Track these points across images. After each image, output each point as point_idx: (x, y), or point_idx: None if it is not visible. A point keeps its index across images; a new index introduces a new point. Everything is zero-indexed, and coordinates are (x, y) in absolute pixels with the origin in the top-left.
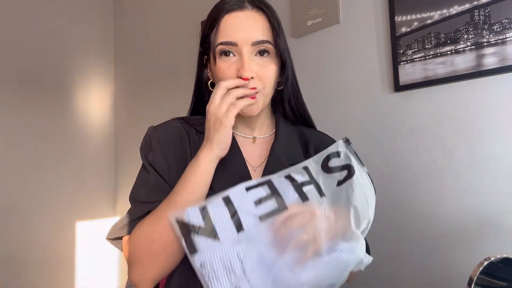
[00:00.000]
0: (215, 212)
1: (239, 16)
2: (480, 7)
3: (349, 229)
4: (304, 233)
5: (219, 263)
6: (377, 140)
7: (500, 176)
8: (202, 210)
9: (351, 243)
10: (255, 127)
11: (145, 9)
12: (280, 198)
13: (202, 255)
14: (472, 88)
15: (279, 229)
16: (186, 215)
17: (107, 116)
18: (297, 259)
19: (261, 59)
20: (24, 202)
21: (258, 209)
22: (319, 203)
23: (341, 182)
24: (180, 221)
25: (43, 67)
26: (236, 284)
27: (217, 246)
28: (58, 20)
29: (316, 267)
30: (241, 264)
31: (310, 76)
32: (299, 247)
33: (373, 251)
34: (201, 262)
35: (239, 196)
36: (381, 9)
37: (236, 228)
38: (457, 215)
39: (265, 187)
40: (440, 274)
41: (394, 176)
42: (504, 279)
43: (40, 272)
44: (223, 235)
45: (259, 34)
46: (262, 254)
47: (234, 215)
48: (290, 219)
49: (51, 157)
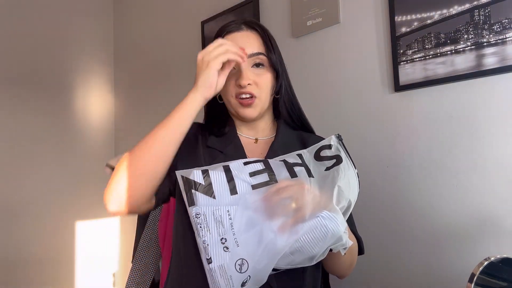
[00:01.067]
0: (215, 176)
1: (237, 35)
2: (480, 7)
3: (330, 203)
4: (292, 202)
5: (211, 216)
6: (377, 140)
7: (500, 176)
8: (204, 172)
9: (331, 213)
10: (258, 130)
11: (145, 9)
12: (272, 174)
13: (198, 207)
14: (472, 88)
15: (270, 198)
16: (191, 174)
17: (107, 116)
18: (283, 224)
19: (257, 70)
20: (24, 202)
21: (251, 179)
22: (307, 181)
23: (329, 168)
24: (185, 178)
25: (43, 67)
26: (222, 235)
27: (212, 202)
28: (58, 20)
29: (297, 232)
30: (230, 220)
31: (310, 76)
32: (285, 215)
33: (373, 251)
34: (196, 213)
35: (237, 167)
36: (381, 9)
37: (230, 191)
38: (457, 215)
39: (260, 164)
40: (440, 274)
41: (394, 176)
42: (504, 279)
43: (40, 272)
44: (219, 194)
45: (253, 48)
46: (251, 217)
47: (231, 181)
48: (281, 190)
49: (51, 157)
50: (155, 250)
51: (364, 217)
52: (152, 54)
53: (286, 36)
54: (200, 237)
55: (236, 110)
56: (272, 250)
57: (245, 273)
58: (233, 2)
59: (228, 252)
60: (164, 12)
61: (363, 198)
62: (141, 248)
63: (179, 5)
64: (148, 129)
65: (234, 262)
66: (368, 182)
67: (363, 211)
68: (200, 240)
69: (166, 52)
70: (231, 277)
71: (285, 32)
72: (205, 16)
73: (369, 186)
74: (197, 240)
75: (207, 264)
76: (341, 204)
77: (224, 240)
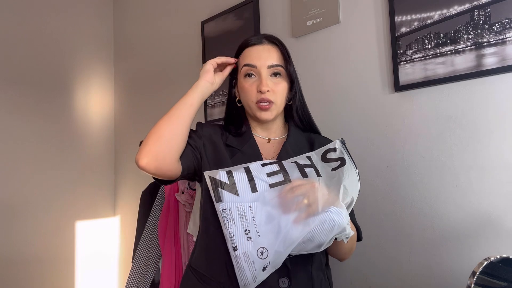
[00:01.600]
0: (238, 176)
1: (259, 48)
2: (480, 7)
3: (337, 200)
4: (304, 198)
5: (236, 210)
6: (377, 140)
7: (500, 176)
8: (228, 173)
9: (338, 209)
10: (271, 131)
11: (145, 9)
12: (286, 174)
13: (224, 203)
14: (472, 88)
15: (285, 195)
16: (218, 175)
17: (107, 116)
18: (297, 217)
19: (275, 79)
20: (24, 202)
21: (269, 179)
22: (316, 181)
23: (335, 169)
24: (212, 178)
25: (43, 67)
26: (246, 227)
27: (236, 199)
28: (58, 20)
29: (309, 225)
30: (252, 214)
31: (310, 76)
32: (299, 209)
33: (373, 251)
34: (223, 208)
35: (256, 168)
36: (381, 9)
37: (251, 189)
38: (457, 215)
39: (276, 165)
40: (440, 274)
41: (394, 176)
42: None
43: (40, 272)
44: (242, 192)
45: (273, 60)
46: (269, 211)
47: (251, 180)
48: (295, 188)
49: (51, 157)
50: (155, 250)
51: (364, 217)
52: (152, 54)
53: (286, 36)
54: (227, 228)
55: (254, 113)
56: (288, 240)
57: (265, 259)
58: (233, 2)
59: (251, 241)
60: (164, 12)
61: (364, 198)
62: (141, 248)
63: (179, 5)
64: (149, 129)
65: (256, 250)
66: (368, 182)
67: (364, 211)
68: (227, 231)
69: (166, 52)
70: (253, 262)
71: (285, 32)
72: (205, 16)
73: (369, 186)
74: (224, 231)
75: (233, 251)
76: (346, 200)
77: (248, 231)
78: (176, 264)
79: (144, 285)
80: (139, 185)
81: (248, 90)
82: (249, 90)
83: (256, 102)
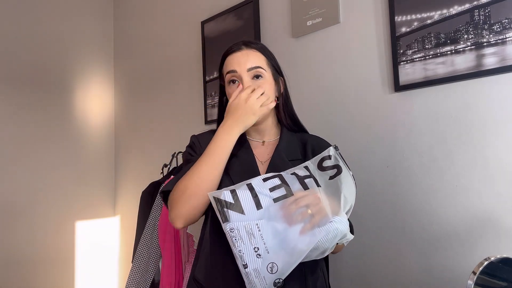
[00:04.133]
0: (242, 194)
1: (238, 55)
2: (480, 7)
3: (339, 209)
4: (308, 209)
5: (243, 229)
6: (377, 140)
7: (500, 176)
8: (232, 192)
9: (341, 218)
10: (264, 133)
11: (145, 9)
12: (288, 187)
13: (232, 223)
14: (472, 88)
15: (289, 207)
16: (222, 195)
17: (107, 116)
18: (302, 228)
19: (257, 81)
20: (24, 202)
21: (272, 194)
22: (318, 191)
23: (332, 177)
24: (216, 198)
25: (43, 67)
26: (255, 245)
27: (242, 218)
28: (58, 20)
29: (315, 235)
30: (259, 232)
31: (310, 76)
32: (303, 220)
33: (373, 251)
34: (230, 228)
35: (258, 184)
36: (381, 9)
37: (256, 206)
38: (457, 215)
39: (277, 179)
40: (440, 274)
41: (394, 176)
42: (504, 279)
43: (40, 272)
44: (247, 210)
45: (252, 63)
46: (275, 226)
47: (255, 197)
48: (298, 200)
49: (51, 157)
50: (155, 250)
51: (364, 217)
52: (152, 54)
53: (286, 36)
54: (236, 247)
55: None
56: (297, 253)
57: (275, 273)
58: (233, 2)
59: (260, 258)
60: (164, 12)
61: (363, 198)
62: (141, 248)
63: (179, 5)
64: (148, 129)
65: (266, 266)
66: (368, 182)
67: (364, 211)
68: (236, 250)
69: (166, 52)
70: (264, 278)
71: (285, 32)
72: (205, 16)
73: (369, 186)
74: (233, 250)
75: (243, 269)
76: (346, 209)
77: (257, 248)
78: (176, 264)
79: (144, 285)
80: (139, 185)
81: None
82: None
83: None
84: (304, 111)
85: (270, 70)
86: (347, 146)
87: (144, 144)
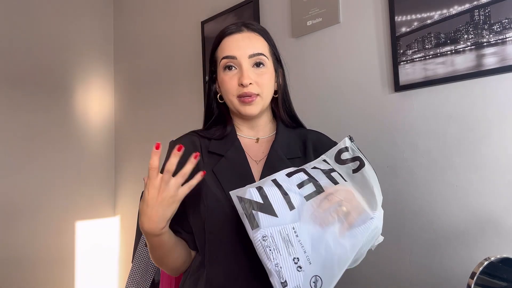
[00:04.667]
0: (270, 192)
1: (237, 37)
2: (480, 7)
3: (375, 203)
4: (343, 205)
5: (279, 236)
6: (377, 140)
7: (500, 176)
8: (260, 190)
9: (379, 213)
10: (259, 129)
11: (145, 9)
12: (317, 182)
13: (264, 229)
14: (472, 88)
15: (321, 205)
16: (248, 193)
17: (107, 116)
18: (340, 230)
19: (258, 70)
20: (24, 202)
21: (301, 191)
22: (348, 185)
23: (356, 170)
24: (241, 198)
25: (43, 67)
26: (294, 255)
27: (275, 222)
28: (58, 20)
29: (355, 236)
30: (297, 238)
31: (310, 76)
32: (339, 219)
33: (373, 251)
34: (263, 235)
35: (284, 179)
36: (381, 9)
37: (289, 206)
38: (457, 215)
39: (302, 173)
40: (440, 274)
41: (394, 176)
42: (504, 279)
43: (40, 272)
44: (280, 212)
45: (254, 48)
46: (311, 230)
47: (286, 195)
48: (330, 196)
49: (51, 157)
50: None
51: None
52: (152, 54)
53: (286, 36)
54: (271, 261)
55: (237, 108)
56: (340, 261)
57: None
58: (233, 2)
59: (301, 271)
60: (164, 12)
61: None
62: (141, 248)
63: (179, 5)
64: (148, 129)
65: (309, 281)
66: None
67: None
68: (272, 263)
69: (166, 52)
70: None
71: (285, 32)
72: (205, 16)
73: None
74: (266, 264)
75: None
76: (380, 202)
77: (297, 259)
78: None
79: (144, 285)
80: (139, 185)
81: (228, 84)
82: (229, 83)
83: (237, 96)
84: (303, 111)
85: (272, 59)
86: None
87: (144, 144)
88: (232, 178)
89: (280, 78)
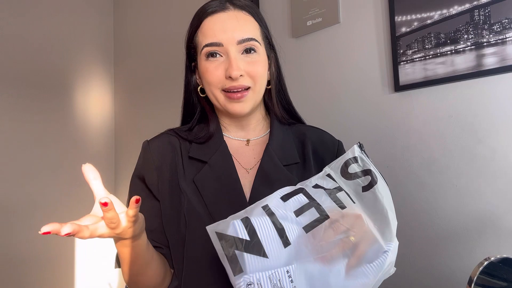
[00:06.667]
0: (259, 224)
1: (222, 17)
2: (480, 7)
3: (390, 232)
4: (350, 235)
5: (268, 283)
6: (377, 140)
7: (500, 176)
8: (245, 222)
9: (393, 244)
10: (249, 129)
11: (145, 9)
12: (319, 206)
13: (249, 275)
14: (472, 88)
15: (324, 236)
16: (230, 228)
17: (107, 116)
18: (347, 267)
19: (248, 57)
20: (24, 203)
21: (300, 219)
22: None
23: (367, 188)
24: (220, 235)
25: (43, 67)
26: None
27: (265, 264)
28: (58, 20)
29: (366, 274)
30: (292, 284)
31: (309, 76)
32: (345, 253)
33: None
34: (248, 283)
35: (278, 205)
36: (381, 9)
37: (283, 242)
38: (457, 215)
39: (301, 195)
40: (440, 274)
41: (394, 176)
42: (504, 279)
43: (40, 272)
44: (271, 251)
45: (243, 32)
46: (308, 269)
47: (280, 228)
48: (336, 224)
49: (51, 157)
50: None
51: None
52: (152, 54)
53: (286, 36)
54: None
55: (223, 106)
56: None
57: None
58: None
59: None
60: (164, 12)
61: None
62: None
63: (179, 5)
64: (148, 129)
65: None
66: None
67: None
68: None
69: (166, 52)
70: None
71: (285, 32)
72: None
73: None
74: None
75: None
76: (395, 231)
77: None
78: None
79: None
80: None
81: (212, 75)
82: (214, 74)
83: (223, 90)
84: (303, 111)
85: (264, 43)
86: (346, 146)
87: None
88: (217, 192)
89: (273, 65)
